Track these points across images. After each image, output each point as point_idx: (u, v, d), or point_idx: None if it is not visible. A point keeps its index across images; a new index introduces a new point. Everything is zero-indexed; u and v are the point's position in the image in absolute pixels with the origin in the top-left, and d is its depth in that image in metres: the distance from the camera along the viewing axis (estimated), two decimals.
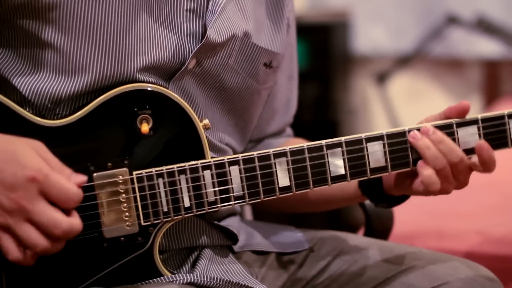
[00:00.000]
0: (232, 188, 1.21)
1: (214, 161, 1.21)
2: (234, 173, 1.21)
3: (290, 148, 1.23)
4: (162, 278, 1.22)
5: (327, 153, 1.24)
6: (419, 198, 2.50)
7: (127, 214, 1.19)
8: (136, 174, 1.19)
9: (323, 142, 1.24)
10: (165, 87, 1.23)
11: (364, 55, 4.01)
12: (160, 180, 1.19)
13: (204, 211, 1.21)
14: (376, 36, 3.98)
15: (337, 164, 1.24)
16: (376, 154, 1.26)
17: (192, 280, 1.23)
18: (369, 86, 4.05)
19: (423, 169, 1.24)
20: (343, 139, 1.24)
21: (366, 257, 1.37)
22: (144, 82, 1.23)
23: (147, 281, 1.21)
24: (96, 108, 1.19)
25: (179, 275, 1.23)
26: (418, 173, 1.26)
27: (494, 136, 1.29)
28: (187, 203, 1.20)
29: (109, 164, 1.18)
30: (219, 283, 1.24)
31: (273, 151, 1.22)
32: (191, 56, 1.25)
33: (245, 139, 1.41)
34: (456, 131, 1.28)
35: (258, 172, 1.22)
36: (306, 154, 1.23)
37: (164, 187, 1.19)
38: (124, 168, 1.18)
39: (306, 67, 3.73)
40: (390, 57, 3.93)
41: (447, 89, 3.95)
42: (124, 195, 1.18)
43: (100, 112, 1.19)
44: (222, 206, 1.21)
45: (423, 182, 1.25)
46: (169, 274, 1.22)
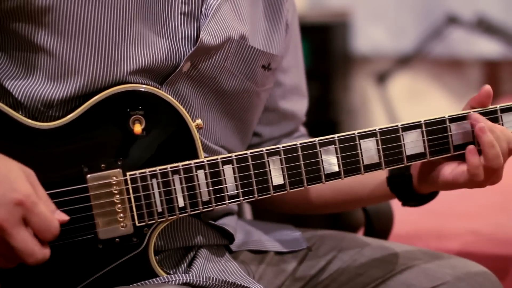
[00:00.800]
0: (226, 187, 1.21)
1: (208, 160, 1.21)
2: (228, 172, 1.21)
3: (283, 147, 1.23)
4: (157, 278, 1.21)
5: (320, 150, 1.24)
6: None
7: (122, 215, 1.19)
8: (130, 175, 1.19)
9: (316, 139, 1.24)
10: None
11: (364, 55, 4.01)
12: (154, 181, 1.19)
13: (198, 211, 1.21)
14: (376, 36, 3.98)
15: (330, 161, 1.25)
16: (369, 151, 1.26)
17: (187, 280, 1.22)
18: (369, 86, 4.05)
19: (473, 156, 1.23)
20: (336, 136, 1.25)
21: (365, 256, 1.37)
22: (136, 83, 1.22)
23: (142, 282, 1.21)
24: (89, 109, 1.19)
25: (175, 275, 1.23)
26: (466, 160, 1.24)
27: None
28: (181, 203, 1.20)
29: (102, 165, 1.18)
30: (215, 283, 1.24)
31: (266, 150, 1.22)
32: (185, 59, 1.25)
33: (244, 141, 1.40)
34: (501, 116, 1.28)
35: (252, 171, 1.22)
36: (300, 152, 1.23)
37: (158, 188, 1.19)
38: (118, 169, 1.19)
39: (306, 67, 3.71)
40: (390, 57, 3.92)
41: (447, 89, 3.95)
42: (118, 196, 1.18)
43: (93, 113, 1.19)
44: (216, 206, 1.22)
45: (469, 170, 1.24)
46: (164, 275, 1.22)
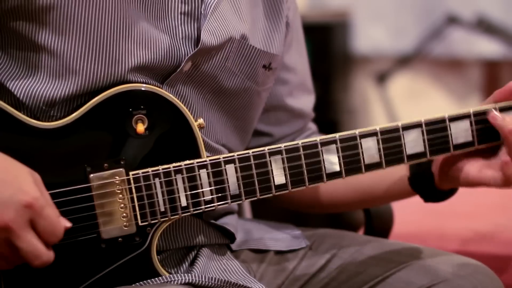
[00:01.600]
0: (228, 186, 1.22)
1: (210, 160, 1.21)
2: (230, 171, 1.21)
3: (285, 146, 1.23)
4: (160, 278, 1.22)
5: (321, 150, 1.24)
6: (419, 198, 2.50)
7: (124, 214, 1.19)
8: (133, 175, 1.19)
9: (318, 139, 1.24)
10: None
11: (364, 55, 4.01)
12: (157, 180, 1.19)
13: (201, 210, 1.21)
14: (376, 36, 3.98)
15: (332, 161, 1.25)
16: (370, 150, 1.26)
17: (190, 280, 1.23)
18: (369, 86, 4.05)
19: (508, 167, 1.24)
20: (337, 135, 1.25)
21: (365, 254, 1.37)
22: (137, 82, 1.23)
23: (145, 281, 1.21)
24: (91, 109, 1.19)
25: (177, 275, 1.23)
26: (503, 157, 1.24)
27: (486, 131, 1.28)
28: (184, 202, 1.20)
29: (105, 165, 1.18)
30: (217, 283, 1.24)
31: (268, 149, 1.23)
32: (186, 59, 1.25)
33: (245, 140, 1.41)
34: (449, 125, 1.28)
35: (254, 171, 1.22)
36: (301, 152, 1.24)
37: (161, 187, 1.19)
38: (121, 169, 1.19)
39: None
40: (390, 57, 3.92)
41: (447, 89, 3.95)
42: (121, 195, 1.19)
43: (95, 113, 1.19)
44: (219, 205, 1.22)
45: (504, 166, 1.24)
46: (167, 274, 1.22)
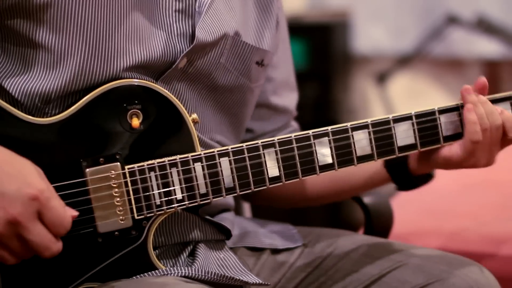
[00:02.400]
0: (223, 179, 1.23)
1: (205, 153, 1.23)
2: (224, 164, 1.23)
3: (278, 139, 1.25)
4: (157, 271, 1.23)
5: (314, 142, 1.26)
6: (418, 198, 2.50)
7: (121, 208, 1.20)
8: (128, 169, 1.20)
9: (310, 132, 1.27)
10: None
11: (364, 55, 4.01)
12: (152, 174, 1.21)
13: (196, 203, 1.23)
14: (376, 36, 3.98)
15: (324, 153, 1.27)
16: (361, 142, 1.29)
17: (187, 273, 1.23)
18: (369, 86, 4.05)
19: (470, 112, 1.29)
20: (329, 128, 1.27)
21: (361, 253, 1.38)
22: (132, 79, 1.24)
23: (142, 274, 1.22)
24: (86, 104, 1.21)
25: (175, 268, 1.25)
26: (464, 117, 1.30)
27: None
28: (179, 195, 1.22)
29: (101, 159, 1.20)
30: (214, 277, 1.25)
31: (261, 142, 1.25)
32: (181, 56, 1.26)
33: (238, 136, 1.42)
34: (439, 117, 1.32)
35: (248, 163, 1.24)
36: (294, 144, 1.26)
37: (156, 180, 1.21)
38: (116, 163, 1.20)
39: (306, 67, 3.72)
40: (390, 57, 3.92)
41: (447, 89, 3.95)
42: (117, 189, 1.20)
43: (90, 108, 1.21)
44: (214, 198, 1.23)
45: (466, 126, 1.29)
46: (163, 268, 1.23)
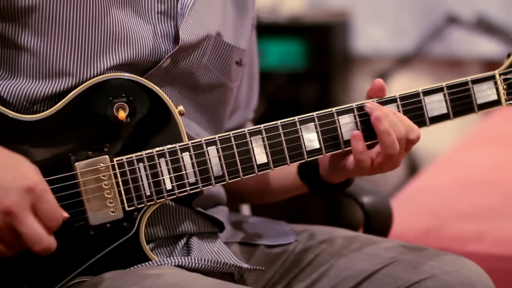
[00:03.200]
0: (211, 168, 1.24)
1: (192, 143, 1.24)
2: (212, 153, 1.24)
3: (264, 126, 1.26)
4: (150, 262, 1.23)
5: (300, 128, 1.27)
6: (418, 198, 2.50)
7: (111, 200, 1.21)
8: (117, 161, 1.21)
9: (296, 118, 1.28)
10: None
11: (364, 55, 4.01)
12: (141, 165, 1.22)
13: (186, 193, 1.24)
14: (376, 36, 3.98)
15: (311, 138, 1.28)
16: (348, 126, 1.30)
17: (182, 263, 1.24)
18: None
19: (357, 142, 1.28)
20: (315, 114, 1.28)
21: (353, 250, 1.38)
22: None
23: (136, 266, 1.23)
24: (73, 99, 1.22)
25: (170, 258, 1.25)
26: (351, 147, 1.29)
27: (460, 102, 1.36)
28: (168, 185, 1.23)
29: (89, 152, 1.21)
30: (209, 264, 1.26)
31: (248, 130, 1.26)
32: (166, 56, 1.27)
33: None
34: (423, 99, 1.36)
35: (236, 151, 1.25)
36: (281, 131, 1.27)
37: (145, 171, 1.22)
38: (105, 156, 1.21)
39: (306, 67, 3.72)
40: (390, 57, 3.93)
41: None
42: (106, 181, 1.21)
43: (77, 103, 1.22)
44: (203, 187, 1.24)
45: (354, 155, 1.28)
46: (156, 259, 1.24)
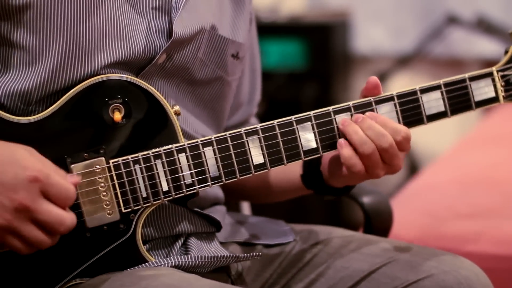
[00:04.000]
0: (208, 169, 1.24)
1: (188, 144, 1.23)
2: (209, 154, 1.24)
3: (261, 126, 1.25)
4: (147, 264, 1.23)
5: (297, 127, 1.26)
6: (419, 198, 2.50)
7: (107, 202, 1.21)
8: (113, 162, 1.21)
9: (293, 117, 1.27)
10: None
11: (364, 55, 4.01)
12: (137, 166, 1.21)
13: (182, 194, 1.23)
14: (376, 36, 3.98)
15: (308, 138, 1.27)
16: None
17: (179, 263, 1.24)
18: None
19: (343, 148, 1.25)
20: (311, 113, 1.27)
21: (351, 249, 1.38)
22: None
23: (133, 268, 1.22)
24: (68, 101, 1.21)
25: (168, 258, 1.25)
26: (340, 155, 1.26)
27: (458, 99, 1.33)
28: (165, 187, 1.22)
29: (85, 154, 1.20)
30: (206, 260, 1.25)
31: (244, 130, 1.25)
32: (161, 52, 1.27)
33: (218, 131, 1.42)
34: (421, 97, 1.33)
35: (232, 152, 1.24)
36: (277, 130, 1.26)
37: (142, 173, 1.21)
38: (101, 157, 1.21)
39: (306, 67, 3.72)
40: (390, 57, 3.92)
41: None
42: (102, 183, 1.20)
43: (72, 104, 1.21)
44: (200, 188, 1.24)
45: (343, 162, 1.26)
46: (153, 260, 1.24)
